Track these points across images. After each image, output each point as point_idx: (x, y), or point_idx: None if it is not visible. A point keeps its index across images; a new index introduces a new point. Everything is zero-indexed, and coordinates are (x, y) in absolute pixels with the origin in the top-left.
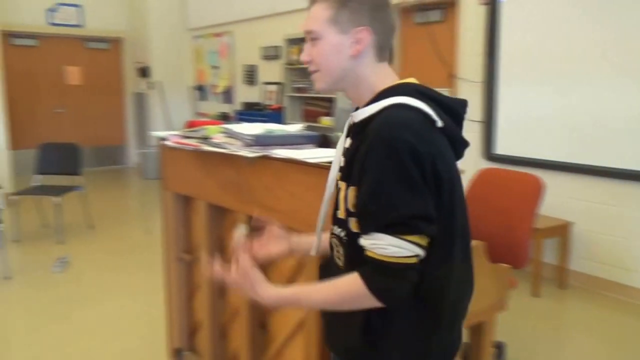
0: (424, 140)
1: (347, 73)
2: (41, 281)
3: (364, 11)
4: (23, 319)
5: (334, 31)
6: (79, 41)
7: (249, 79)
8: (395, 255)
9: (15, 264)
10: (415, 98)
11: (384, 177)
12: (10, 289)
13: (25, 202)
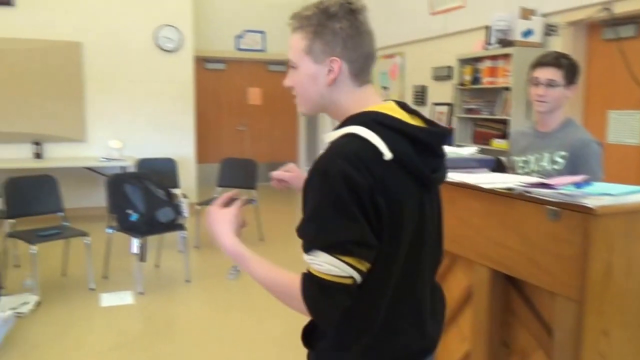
0: (363, 171)
1: (324, 99)
2: (216, 286)
3: (336, 42)
4: (200, 319)
5: (309, 60)
6: (261, 64)
7: (418, 99)
8: (329, 273)
9: (194, 269)
10: (369, 128)
11: (319, 203)
12: (190, 291)
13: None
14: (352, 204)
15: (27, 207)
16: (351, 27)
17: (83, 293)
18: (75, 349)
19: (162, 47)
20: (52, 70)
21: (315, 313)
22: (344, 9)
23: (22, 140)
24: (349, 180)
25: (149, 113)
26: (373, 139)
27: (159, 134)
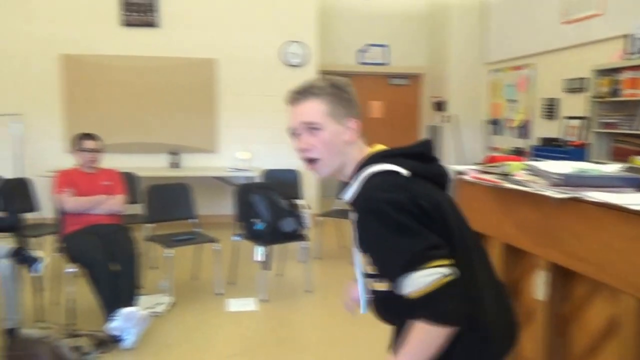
0: (397, 191)
1: (344, 156)
2: (337, 298)
3: (351, 106)
4: (321, 330)
5: (332, 122)
6: (383, 78)
7: (548, 113)
8: (428, 284)
9: (315, 280)
10: (380, 162)
11: (382, 237)
12: (311, 301)
13: (328, 223)
14: (408, 220)
15: (165, 213)
16: (353, 96)
17: (211, 297)
18: (203, 351)
19: (289, 62)
20: (189, 85)
21: (450, 320)
22: (345, 83)
23: (161, 150)
24: (393, 203)
25: (275, 125)
26: (388, 167)
27: (284, 146)
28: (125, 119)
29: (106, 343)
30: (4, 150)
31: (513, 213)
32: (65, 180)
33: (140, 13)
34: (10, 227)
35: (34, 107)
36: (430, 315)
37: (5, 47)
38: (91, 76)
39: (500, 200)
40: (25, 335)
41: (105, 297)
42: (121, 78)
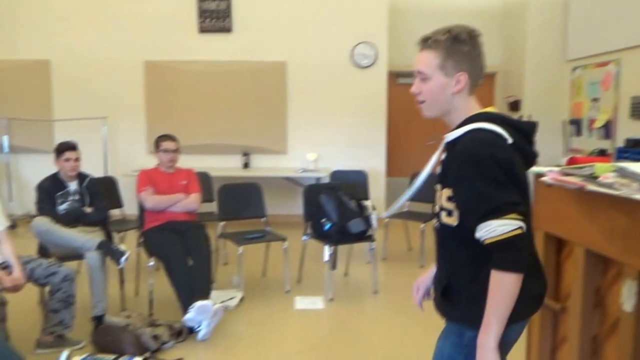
0: (500, 151)
1: (448, 105)
2: (403, 300)
3: (464, 60)
4: (386, 331)
5: (441, 74)
6: None
7: (636, 112)
8: (504, 233)
9: (382, 281)
10: (490, 123)
11: (476, 182)
12: (377, 302)
13: (395, 224)
14: (500, 175)
15: (236, 212)
16: (473, 49)
17: (280, 294)
18: (271, 347)
19: (358, 63)
20: (260, 88)
21: (519, 268)
22: (469, 35)
23: (234, 151)
24: (494, 158)
25: (343, 127)
26: (497, 129)
27: (352, 147)
28: (201, 121)
29: (182, 333)
30: (95, 151)
31: (599, 218)
32: (146, 179)
33: (215, 19)
34: (98, 222)
35: (119, 111)
36: (501, 262)
37: (94, 56)
38: (171, 81)
39: (583, 204)
40: (110, 322)
41: (181, 290)
42: (197, 82)
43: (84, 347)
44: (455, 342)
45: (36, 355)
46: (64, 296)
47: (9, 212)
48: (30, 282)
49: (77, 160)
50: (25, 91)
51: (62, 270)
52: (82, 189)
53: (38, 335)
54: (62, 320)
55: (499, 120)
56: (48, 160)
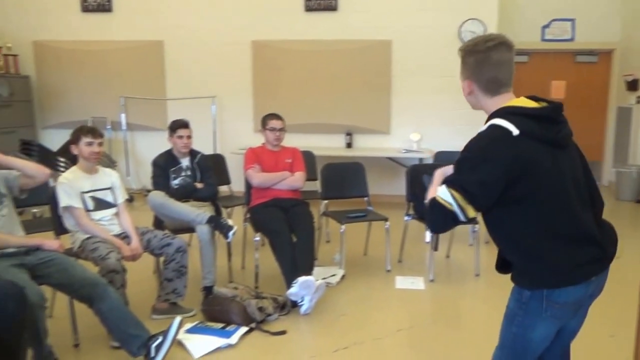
0: (494, 150)
1: (471, 102)
2: (505, 284)
3: (467, 69)
4: (488, 314)
5: (461, 78)
6: (568, 55)
7: None
8: (442, 197)
9: (484, 264)
10: (503, 118)
11: (463, 160)
12: (478, 285)
13: None
14: (484, 170)
15: (339, 191)
16: (484, 58)
17: (380, 273)
18: (372, 323)
19: (465, 41)
20: (365, 67)
21: (430, 225)
22: (485, 45)
23: (337, 131)
24: (484, 152)
25: (447, 107)
26: (505, 124)
27: (456, 127)
28: (306, 101)
29: (286, 307)
30: (204, 129)
31: None
32: (253, 157)
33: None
34: (208, 198)
35: (227, 90)
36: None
37: (204, 37)
38: (277, 60)
39: None
40: (219, 293)
41: (286, 265)
42: (303, 61)
43: (194, 315)
44: (517, 299)
45: (152, 320)
46: (177, 266)
47: (127, 186)
48: (146, 252)
49: (189, 138)
50: (140, 71)
51: (176, 242)
52: (194, 165)
53: (153, 302)
54: (176, 289)
55: (511, 113)
56: (162, 137)
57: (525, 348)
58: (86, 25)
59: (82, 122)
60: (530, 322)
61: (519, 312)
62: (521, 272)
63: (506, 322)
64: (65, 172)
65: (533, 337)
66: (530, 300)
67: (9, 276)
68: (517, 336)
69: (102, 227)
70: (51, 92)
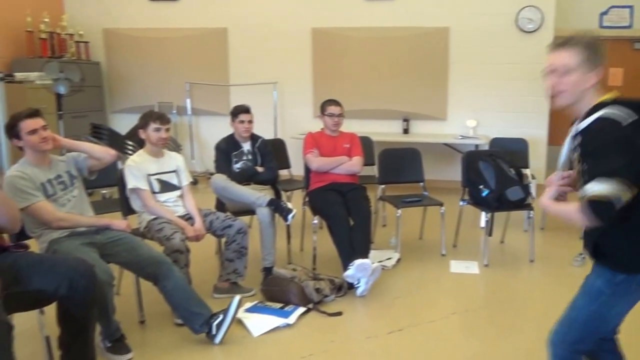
0: (619, 132)
1: (581, 96)
2: (560, 270)
3: (603, 57)
4: (541, 299)
5: (582, 69)
6: (625, 42)
7: None
8: (609, 192)
9: (538, 250)
10: (610, 109)
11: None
12: (533, 271)
13: None
14: (615, 152)
15: (395, 176)
16: (603, 48)
17: (435, 257)
18: (427, 306)
19: (523, 28)
20: (422, 54)
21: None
22: (599, 40)
23: (394, 117)
24: (617, 139)
25: (505, 94)
26: (617, 112)
27: (512, 114)
28: (364, 87)
29: (342, 288)
30: (266, 114)
31: None
32: (312, 142)
33: None
34: (268, 181)
35: (288, 77)
36: (588, 209)
37: (266, 24)
38: (336, 47)
39: None
40: (278, 273)
41: (342, 247)
42: (361, 48)
43: (254, 295)
44: (608, 279)
45: (213, 298)
46: (238, 247)
47: (191, 169)
48: (209, 232)
49: (250, 123)
50: (205, 58)
51: (237, 224)
52: (255, 149)
53: (215, 282)
54: (236, 269)
55: (616, 104)
56: (225, 122)
57: (599, 326)
58: (153, 14)
59: (149, 107)
60: (615, 302)
61: (606, 291)
62: (620, 256)
63: (587, 299)
64: (133, 155)
65: (610, 316)
66: (623, 282)
67: (80, 254)
68: (596, 314)
69: (167, 209)
70: (120, 78)
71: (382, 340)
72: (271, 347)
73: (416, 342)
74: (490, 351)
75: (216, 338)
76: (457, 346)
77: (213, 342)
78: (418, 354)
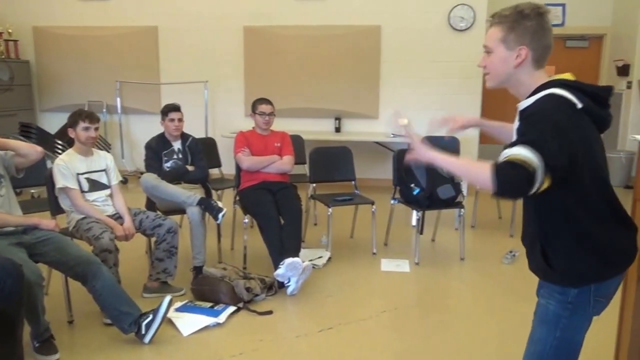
0: (562, 117)
1: (510, 77)
2: (490, 268)
3: (526, 34)
4: (471, 297)
5: (503, 48)
6: (558, 40)
7: None
8: (520, 156)
9: (469, 248)
10: (560, 89)
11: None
12: (463, 268)
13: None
14: (556, 138)
15: (327, 174)
16: (538, 25)
17: (366, 256)
18: (357, 305)
19: (455, 26)
20: (354, 53)
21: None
22: (534, 11)
23: (326, 115)
24: (557, 123)
25: (437, 92)
26: (567, 94)
27: (445, 113)
28: (296, 86)
29: (273, 287)
30: (197, 113)
31: None
32: (243, 140)
33: None
34: (199, 180)
35: (219, 75)
36: (499, 172)
37: (197, 22)
38: (268, 46)
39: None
40: (208, 273)
41: (273, 246)
42: (293, 47)
43: (184, 294)
44: (560, 300)
45: (143, 298)
46: (168, 247)
47: (121, 168)
48: (138, 232)
49: (180, 121)
50: (135, 56)
51: (167, 223)
52: (185, 148)
53: (145, 281)
54: (166, 268)
55: (568, 86)
56: (155, 121)
57: (570, 352)
58: (84, 12)
59: (79, 106)
60: (577, 323)
61: (563, 314)
62: (567, 267)
63: (546, 329)
64: (62, 154)
65: (579, 339)
66: (577, 298)
67: (7, 254)
68: (562, 341)
69: (96, 208)
70: (50, 76)
71: (312, 338)
72: (201, 347)
73: (346, 340)
74: (420, 348)
75: (145, 337)
76: (387, 344)
77: (142, 342)
78: (348, 352)
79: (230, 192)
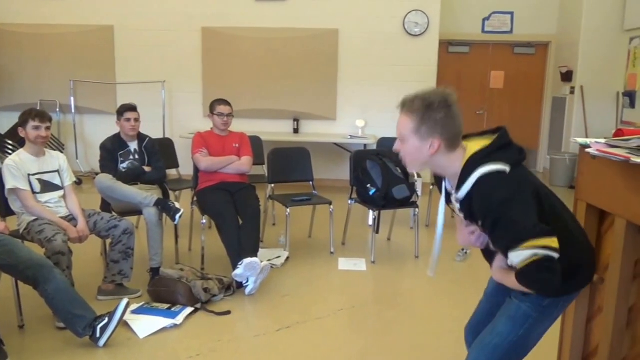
0: (512, 189)
1: (427, 163)
2: (443, 265)
3: (437, 127)
4: (425, 293)
5: (415, 138)
6: (506, 47)
7: None
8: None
9: (423, 246)
10: (485, 165)
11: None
12: (417, 266)
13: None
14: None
15: (285, 175)
16: (446, 116)
17: (324, 255)
18: (314, 303)
19: (410, 32)
20: (312, 55)
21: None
22: (442, 104)
23: (285, 117)
24: (511, 200)
25: (392, 95)
26: (494, 167)
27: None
28: (254, 87)
29: (231, 288)
30: (154, 114)
31: None
32: (201, 141)
33: None
34: (156, 181)
35: (177, 76)
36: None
37: (154, 22)
38: (226, 47)
39: (628, 177)
40: (165, 274)
41: (231, 247)
42: (252, 49)
43: (141, 296)
44: (535, 302)
45: (98, 301)
46: (123, 248)
47: (75, 169)
48: (93, 234)
49: (136, 121)
50: (90, 55)
51: (123, 224)
52: (142, 149)
53: (100, 284)
54: (122, 270)
55: (488, 156)
56: (111, 121)
57: (525, 347)
58: (36, 10)
59: (31, 105)
60: (540, 324)
61: (533, 315)
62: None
63: (512, 325)
64: (13, 154)
65: (533, 339)
66: (550, 305)
67: None
68: (522, 338)
69: (48, 210)
70: (0, 74)
71: (270, 337)
72: (158, 348)
73: (304, 338)
74: (376, 345)
75: (100, 341)
76: (344, 342)
77: (97, 345)
78: (305, 350)
79: (188, 192)
